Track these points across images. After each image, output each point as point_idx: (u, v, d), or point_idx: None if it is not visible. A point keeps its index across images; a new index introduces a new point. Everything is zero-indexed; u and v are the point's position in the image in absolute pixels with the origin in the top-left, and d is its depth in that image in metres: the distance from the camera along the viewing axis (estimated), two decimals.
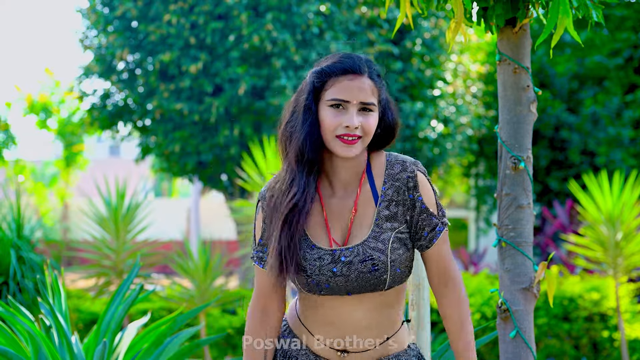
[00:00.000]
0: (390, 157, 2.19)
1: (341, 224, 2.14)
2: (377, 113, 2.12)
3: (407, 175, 2.15)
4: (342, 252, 2.10)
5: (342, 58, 2.13)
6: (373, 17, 10.35)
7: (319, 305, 2.15)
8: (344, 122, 2.07)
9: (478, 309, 6.75)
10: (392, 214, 2.13)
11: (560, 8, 2.50)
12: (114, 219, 6.76)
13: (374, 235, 2.11)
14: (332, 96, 2.09)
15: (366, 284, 2.09)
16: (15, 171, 17.89)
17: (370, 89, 2.10)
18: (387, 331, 2.16)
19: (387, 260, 2.09)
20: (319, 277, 2.09)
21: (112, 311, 3.47)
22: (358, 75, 2.10)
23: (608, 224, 6.60)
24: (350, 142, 2.08)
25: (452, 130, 11.22)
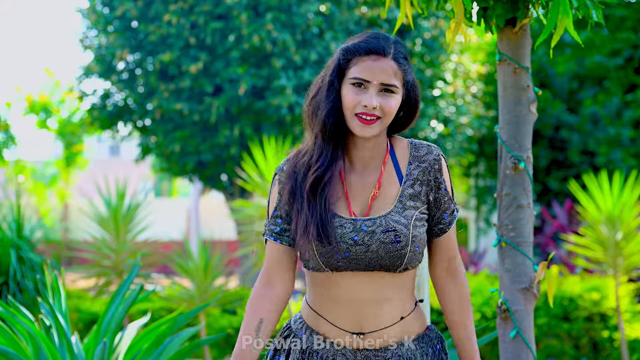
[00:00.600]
0: (413, 141, 2.24)
1: (361, 199, 2.17)
2: (399, 95, 2.14)
3: (433, 158, 2.20)
4: (364, 222, 2.12)
5: (368, 38, 2.15)
6: (373, 17, 10.34)
7: (331, 283, 2.14)
8: (363, 101, 2.10)
9: (478, 309, 6.75)
10: (416, 193, 2.17)
11: (560, 8, 2.50)
12: (114, 219, 6.76)
13: (397, 210, 2.14)
14: (354, 75, 2.11)
15: (386, 257, 2.10)
16: (15, 171, 17.89)
17: (392, 71, 2.12)
18: (401, 312, 2.17)
19: (410, 234, 2.12)
20: (340, 244, 2.10)
21: (112, 311, 3.47)
22: (382, 56, 2.12)
23: (608, 224, 6.60)
24: (368, 122, 2.11)
25: (452, 130, 11.22)
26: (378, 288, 2.13)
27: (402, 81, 2.15)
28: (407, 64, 2.17)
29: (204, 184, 11.55)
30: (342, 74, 2.15)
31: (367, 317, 2.14)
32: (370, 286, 2.13)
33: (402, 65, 2.14)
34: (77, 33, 10.91)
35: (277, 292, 2.21)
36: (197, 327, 3.37)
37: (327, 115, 2.13)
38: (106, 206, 6.81)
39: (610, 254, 6.59)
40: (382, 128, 2.13)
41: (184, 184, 26.85)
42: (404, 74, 2.15)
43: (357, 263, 2.11)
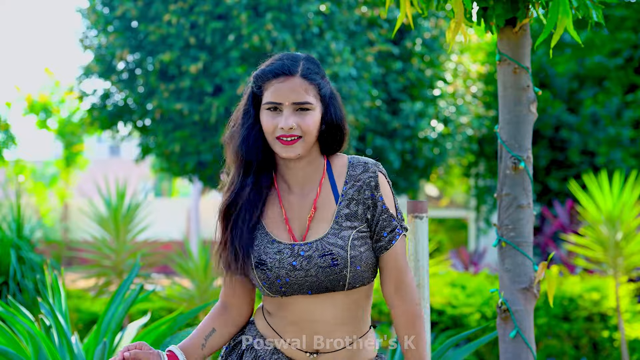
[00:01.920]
0: (352, 159, 2.22)
1: (300, 221, 2.16)
2: (316, 111, 2.14)
3: (368, 176, 2.17)
4: (301, 246, 2.12)
5: (274, 60, 2.16)
6: (373, 17, 10.34)
7: (285, 306, 2.15)
8: (279, 124, 2.11)
9: (478, 309, 6.75)
10: (352, 213, 2.15)
11: (560, 8, 2.50)
12: (114, 219, 6.76)
13: (333, 232, 2.13)
14: (267, 99, 2.13)
15: (326, 280, 2.10)
16: (15, 171, 17.89)
17: (303, 89, 2.12)
18: (355, 331, 2.16)
19: (347, 255, 2.10)
20: (279, 270, 2.10)
21: (112, 311, 3.47)
22: (289, 76, 2.12)
23: (608, 224, 6.60)
24: (289, 142, 2.11)
25: (452, 130, 11.22)
26: (330, 309, 2.13)
27: (318, 96, 2.14)
28: (320, 78, 2.16)
29: (204, 184, 11.54)
30: (259, 101, 2.16)
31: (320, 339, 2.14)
32: (323, 308, 2.13)
33: (313, 81, 2.13)
34: (77, 33, 10.91)
35: (233, 316, 2.25)
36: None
37: (242, 142, 2.15)
38: (106, 206, 6.81)
39: (610, 254, 6.59)
40: (307, 146, 2.13)
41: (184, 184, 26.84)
42: (317, 89, 2.14)
43: (300, 287, 2.11)
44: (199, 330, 2.24)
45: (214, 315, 2.25)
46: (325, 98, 2.16)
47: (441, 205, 20.11)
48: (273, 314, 2.18)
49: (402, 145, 10.49)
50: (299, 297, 2.13)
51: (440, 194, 20.05)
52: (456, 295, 6.87)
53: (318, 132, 2.16)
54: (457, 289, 6.98)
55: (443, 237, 18.51)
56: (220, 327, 2.24)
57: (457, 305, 6.80)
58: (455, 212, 19.83)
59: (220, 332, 2.24)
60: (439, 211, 19.71)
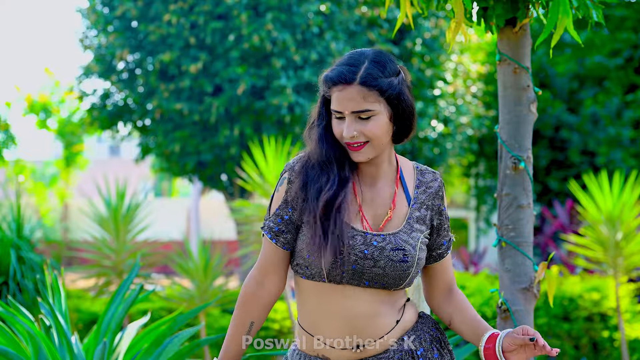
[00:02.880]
0: (418, 165, 2.27)
1: (374, 213, 2.18)
2: (380, 115, 2.12)
3: (438, 185, 2.24)
4: (374, 237, 2.13)
5: (336, 66, 2.15)
6: (373, 17, 10.35)
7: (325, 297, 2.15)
8: (343, 132, 2.13)
9: (478, 309, 6.75)
10: (422, 217, 2.20)
11: (560, 8, 2.50)
12: (114, 219, 6.76)
13: (405, 231, 2.16)
14: (332, 108, 2.15)
15: (391, 274, 2.11)
16: (15, 171, 17.90)
17: (361, 96, 2.10)
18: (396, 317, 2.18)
19: (416, 255, 2.14)
20: (349, 255, 2.10)
21: (112, 311, 3.47)
22: (346, 85, 2.11)
23: (608, 224, 6.60)
24: (356, 148, 2.13)
25: (452, 130, 11.22)
26: (370, 304, 2.14)
27: (382, 99, 2.12)
28: (385, 79, 2.13)
29: (204, 184, 11.55)
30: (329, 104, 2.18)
31: (361, 331, 2.14)
32: (363, 302, 2.13)
33: (374, 87, 2.11)
34: (77, 33, 10.91)
35: (269, 293, 2.23)
36: (197, 327, 3.37)
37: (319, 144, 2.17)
38: (106, 206, 6.81)
39: (610, 254, 6.59)
40: (377, 149, 2.15)
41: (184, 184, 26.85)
42: (380, 93, 2.12)
43: (361, 277, 2.12)
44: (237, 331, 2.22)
45: (248, 304, 2.22)
46: (391, 98, 2.14)
47: None
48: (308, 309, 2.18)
49: (402, 145, 10.50)
50: (342, 287, 2.13)
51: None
52: None
53: (390, 133, 2.16)
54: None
55: None
56: (257, 317, 2.22)
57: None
58: (455, 212, 19.83)
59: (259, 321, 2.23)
60: None
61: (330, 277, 2.13)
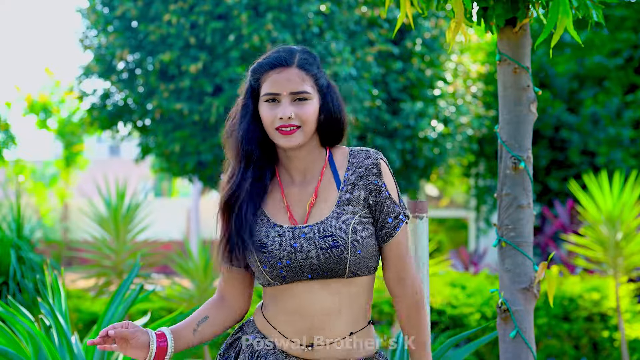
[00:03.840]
0: (353, 149, 2.25)
1: (301, 207, 2.19)
2: (314, 100, 2.17)
3: (371, 162, 2.20)
4: (302, 229, 2.14)
5: (271, 53, 2.21)
6: (373, 17, 10.34)
7: (283, 295, 2.15)
8: (278, 114, 2.14)
9: (478, 309, 6.75)
10: (354, 198, 2.17)
11: (560, 8, 2.50)
12: (114, 219, 6.76)
13: (334, 216, 2.15)
14: (265, 91, 2.17)
15: (326, 262, 2.11)
16: (15, 171, 17.90)
17: (299, 78, 2.15)
18: (353, 326, 2.16)
19: (348, 238, 2.12)
20: (280, 252, 2.12)
21: (112, 311, 3.47)
22: (285, 67, 2.16)
23: (608, 224, 6.60)
24: (288, 132, 2.14)
25: (452, 130, 11.22)
26: (329, 298, 2.13)
27: (314, 86, 2.18)
28: (317, 69, 2.20)
29: (204, 184, 11.54)
30: (256, 94, 2.20)
31: (317, 329, 2.13)
32: (321, 297, 2.13)
33: (309, 71, 2.17)
34: (77, 33, 10.90)
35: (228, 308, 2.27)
36: None
37: (242, 136, 2.18)
38: (106, 206, 6.81)
39: (610, 254, 6.59)
40: (306, 136, 2.16)
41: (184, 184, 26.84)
42: (314, 79, 2.18)
43: (300, 270, 2.12)
44: (192, 317, 2.26)
45: (208, 304, 2.28)
46: (322, 88, 2.20)
47: (441, 205, 20.11)
48: (271, 305, 2.19)
49: (402, 145, 10.49)
50: (298, 285, 2.13)
51: (440, 194, 20.05)
52: (456, 295, 6.87)
53: (317, 122, 2.19)
54: (457, 289, 6.99)
55: (443, 237, 18.51)
56: (213, 315, 2.25)
57: (457, 305, 6.80)
58: (455, 212, 19.82)
59: (213, 320, 2.25)
60: (439, 211, 19.71)
61: (275, 278, 2.14)
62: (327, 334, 2.13)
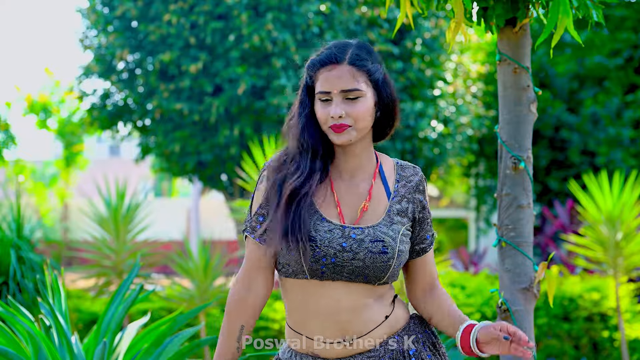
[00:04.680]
0: (399, 161, 2.27)
1: (350, 207, 2.18)
2: (367, 97, 2.15)
3: (419, 179, 2.25)
4: (353, 230, 2.13)
5: (323, 50, 2.21)
6: (373, 17, 10.34)
7: (310, 294, 2.14)
8: (330, 113, 2.13)
9: (478, 309, 6.75)
10: (403, 209, 2.20)
11: (560, 8, 2.50)
12: (114, 219, 6.76)
13: (385, 223, 2.15)
14: (318, 90, 2.16)
15: (371, 267, 2.10)
16: (15, 171, 17.89)
17: (350, 75, 2.13)
18: (385, 312, 2.17)
19: (397, 247, 2.13)
20: (328, 249, 2.10)
21: (112, 311, 3.47)
22: (335, 64, 2.15)
23: (608, 224, 6.59)
24: (339, 129, 2.13)
25: (452, 130, 11.22)
26: (354, 298, 2.13)
27: (369, 82, 2.16)
28: (371, 64, 2.17)
29: (204, 184, 11.55)
30: (313, 91, 2.19)
31: (347, 326, 2.13)
32: (347, 296, 2.12)
33: (362, 67, 2.15)
34: (77, 33, 10.91)
35: (257, 295, 2.22)
36: (197, 327, 3.37)
37: (301, 133, 2.17)
38: (106, 206, 6.81)
39: (610, 254, 6.59)
40: (359, 134, 2.15)
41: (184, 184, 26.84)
42: (367, 75, 2.15)
43: (341, 271, 2.11)
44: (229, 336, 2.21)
45: (237, 309, 2.21)
46: (377, 83, 2.17)
47: (441, 205, 20.11)
48: (295, 308, 2.17)
49: (402, 145, 10.49)
50: (326, 283, 2.12)
51: (440, 194, 20.05)
52: (456, 295, 6.87)
53: (373, 118, 2.18)
54: (457, 289, 6.98)
55: (443, 237, 18.51)
56: (247, 320, 2.21)
57: (457, 305, 6.80)
58: (455, 212, 19.82)
59: (248, 325, 2.22)
60: (439, 211, 19.71)
61: (311, 273, 2.12)
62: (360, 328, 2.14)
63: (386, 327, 2.17)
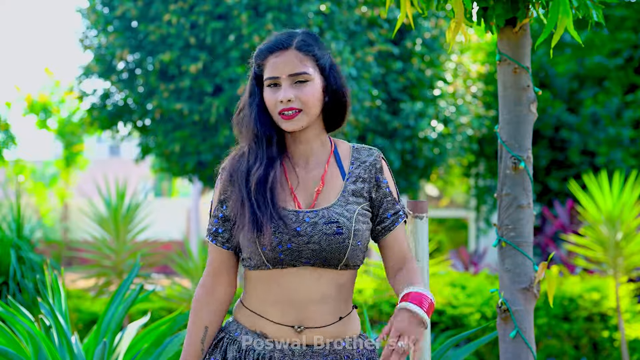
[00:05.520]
0: (355, 145, 2.28)
1: (305, 193, 2.20)
2: (315, 82, 2.17)
3: (374, 158, 2.25)
4: (307, 213, 2.14)
5: (270, 38, 2.23)
6: (373, 17, 10.34)
7: (273, 284, 2.14)
8: (278, 98, 2.14)
9: (478, 309, 6.75)
10: (358, 189, 2.20)
11: (560, 8, 2.50)
12: (114, 219, 6.76)
13: (339, 204, 2.16)
14: (266, 76, 2.18)
15: (327, 249, 2.11)
16: (15, 171, 17.89)
17: (297, 59, 2.16)
18: (341, 311, 2.17)
19: (352, 227, 2.13)
20: (282, 235, 2.11)
21: (112, 311, 3.47)
22: (283, 50, 2.17)
23: (608, 224, 6.59)
24: (289, 117, 2.15)
25: (452, 130, 11.22)
26: (318, 286, 2.14)
27: (316, 67, 2.18)
28: (318, 50, 2.20)
29: (204, 184, 11.54)
30: (261, 80, 2.21)
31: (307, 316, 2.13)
32: (311, 284, 2.13)
33: (309, 52, 2.18)
34: (77, 33, 10.91)
35: (220, 297, 2.25)
36: None
37: (255, 123, 2.19)
38: (106, 206, 6.81)
39: (610, 254, 6.59)
40: (309, 119, 2.17)
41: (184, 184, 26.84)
42: (315, 60, 2.18)
43: (299, 255, 2.12)
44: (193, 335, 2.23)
45: (201, 311, 2.24)
46: (324, 68, 2.20)
47: (441, 205, 20.11)
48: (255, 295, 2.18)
49: (402, 145, 10.49)
50: (288, 271, 2.13)
51: (440, 194, 20.05)
52: (456, 295, 6.87)
53: (321, 103, 2.19)
54: (457, 289, 6.98)
55: (443, 237, 18.51)
56: (210, 321, 2.24)
57: (457, 305, 6.80)
58: (455, 212, 19.82)
59: (212, 327, 2.24)
60: (439, 211, 19.71)
61: (270, 261, 2.12)
62: (316, 320, 2.14)
63: (338, 328, 2.17)
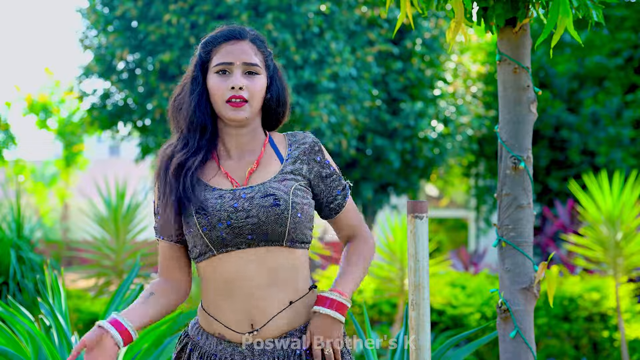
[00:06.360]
0: (287, 133, 2.32)
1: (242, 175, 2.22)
2: (263, 77, 2.22)
3: (311, 140, 2.28)
4: (243, 190, 2.16)
5: (223, 27, 2.26)
6: (373, 17, 10.34)
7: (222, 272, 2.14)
8: (229, 84, 2.17)
9: (478, 309, 6.75)
10: (296, 169, 2.23)
11: (560, 8, 2.50)
12: (114, 219, 6.76)
13: (276, 180, 2.19)
14: (217, 62, 2.20)
15: (267, 221, 2.12)
16: (15, 171, 17.90)
17: (253, 51, 2.21)
18: (291, 296, 2.16)
19: (289, 199, 2.15)
20: (220, 213, 2.12)
21: (112, 311, 3.47)
22: (239, 39, 2.22)
23: (608, 224, 6.59)
24: (238, 104, 2.17)
25: (452, 130, 11.22)
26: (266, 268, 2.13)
27: (264, 64, 2.23)
28: (266, 50, 2.26)
29: None
30: (206, 68, 2.23)
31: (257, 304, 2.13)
32: (259, 266, 2.13)
33: (261, 47, 2.24)
34: (77, 33, 10.91)
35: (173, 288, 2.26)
36: None
37: (194, 111, 2.20)
38: (106, 206, 6.81)
39: (610, 254, 6.59)
40: (253, 111, 2.20)
41: None
42: (264, 57, 2.24)
43: (240, 232, 2.12)
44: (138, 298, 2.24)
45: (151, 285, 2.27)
46: (270, 68, 2.25)
47: (441, 205, 20.11)
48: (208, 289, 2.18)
49: (402, 145, 10.49)
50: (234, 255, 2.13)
51: (440, 194, 20.05)
52: (456, 295, 6.87)
53: (263, 99, 2.23)
54: (457, 289, 6.98)
55: (443, 237, 18.51)
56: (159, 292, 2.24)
57: (457, 305, 6.80)
58: (455, 212, 19.83)
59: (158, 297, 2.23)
60: (439, 211, 19.72)
61: (213, 243, 2.13)
62: (267, 306, 2.13)
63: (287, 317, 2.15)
